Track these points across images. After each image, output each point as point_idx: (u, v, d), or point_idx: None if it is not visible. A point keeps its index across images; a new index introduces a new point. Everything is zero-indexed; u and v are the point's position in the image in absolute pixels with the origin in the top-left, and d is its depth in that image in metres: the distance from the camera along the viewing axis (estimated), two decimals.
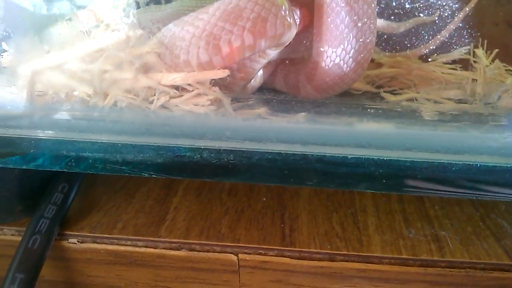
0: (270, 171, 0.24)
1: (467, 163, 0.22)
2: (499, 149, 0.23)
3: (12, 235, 0.30)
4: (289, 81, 0.32)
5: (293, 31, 0.24)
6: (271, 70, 0.32)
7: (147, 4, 0.33)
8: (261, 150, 0.24)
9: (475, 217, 0.30)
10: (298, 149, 0.23)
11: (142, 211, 0.31)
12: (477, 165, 0.22)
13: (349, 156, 0.23)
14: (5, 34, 0.26)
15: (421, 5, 0.33)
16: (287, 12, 0.23)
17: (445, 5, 0.32)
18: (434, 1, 0.32)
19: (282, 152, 0.24)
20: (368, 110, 0.26)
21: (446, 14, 0.33)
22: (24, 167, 0.26)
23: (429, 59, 0.34)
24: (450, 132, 0.24)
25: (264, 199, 0.32)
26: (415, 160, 0.23)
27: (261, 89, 0.33)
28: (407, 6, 0.32)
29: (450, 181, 0.23)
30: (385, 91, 0.33)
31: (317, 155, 0.23)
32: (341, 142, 0.24)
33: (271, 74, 0.32)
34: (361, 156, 0.23)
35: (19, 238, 0.28)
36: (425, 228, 0.29)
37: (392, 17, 0.33)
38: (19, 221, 0.30)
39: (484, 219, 0.30)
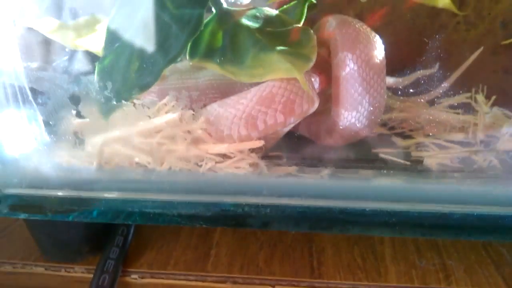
0: (300, 221, 0.29)
1: (465, 212, 0.27)
2: (493, 200, 0.27)
3: (82, 272, 0.35)
4: (311, 129, 0.36)
5: (316, 106, 0.29)
6: None
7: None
8: (292, 205, 0.29)
9: (478, 246, 0.34)
10: (323, 203, 0.28)
11: (189, 248, 0.36)
12: (474, 213, 0.27)
13: (367, 209, 0.28)
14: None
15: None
16: (311, 91, 0.28)
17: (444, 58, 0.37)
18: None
19: (310, 205, 0.28)
20: (381, 166, 0.31)
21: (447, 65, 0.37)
22: (97, 221, 0.31)
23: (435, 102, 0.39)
24: (452, 185, 0.29)
25: (293, 232, 0.37)
26: (422, 211, 0.27)
27: (287, 134, 0.38)
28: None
29: (451, 227, 0.27)
30: (396, 133, 0.37)
31: (340, 208, 0.28)
32: (360, 196, 0.28)
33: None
34: (377, 208, 0.28)
35: (88, 275, 0.34)
36: (434, 258, 0.33)
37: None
38: (86, 259, 0.36)
39: (486, 247, 0.34)
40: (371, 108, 0.32)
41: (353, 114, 0.32)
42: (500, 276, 0.31)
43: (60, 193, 0.31)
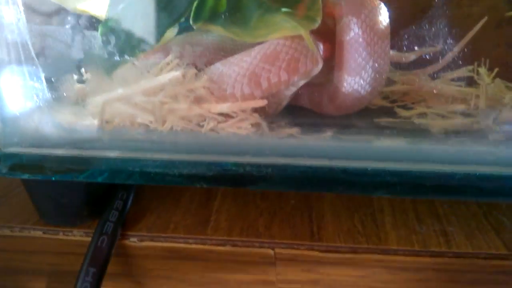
0: (302, 181, 0.29)
1: (467, 172, 0.27)
2: (494, 161, 0.27)
3: (80, 236, 0.35)
4: (313, 99, 0.36)
5: (320, 66, 0.29)
6: (297, 90, 0.37)
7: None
8: (294, 164, 0.29)
9: (479, 214, 0.34)
10: (325, 163, 0.28)
11: (189, 214, 0.36)
12: (476, 174, 0.27)
13: (369, 168, 0.28)
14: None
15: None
16: (315, 51, 0.28)
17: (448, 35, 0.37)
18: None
19: (312, 165, 0.28)
20: (384, 130, 0.31)
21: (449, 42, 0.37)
22: (97, 181, 0.31)
23: (437, 76, 0.39)
24: (454, 146, 0.29)
25: (293, 201, 0.37)
26: (423, 170, 0.27)
27: (288, 105, 0.37)
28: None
29: (453, 188, 0.27)
30: (398, 106, 0.37)
31: (342, 167, 0.28)
32: (362, 156, 0.28)
33: (297, 93, 0.37)
34: (379, 168, 0.28)
35: (87, 239, 0.34)
36: (435, 225, 0.33)
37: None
38: (85, 224, 0.35)
39: (486, 216, 0.34)
40: (374, 74, 0.32)
41: (356, 80, 0.31)
42: (500, 241, 0.31)
43: (60, 152, 0.31)
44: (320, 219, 0.35)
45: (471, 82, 0.37)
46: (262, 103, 0.28)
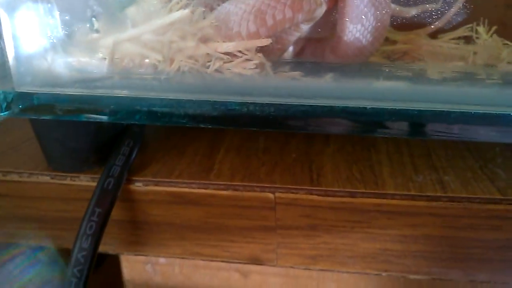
0: (303, 121, 0.30)
1: (463, 111, 0.28)
2: (489, 100, 0.28)
3: (87, 181, 0.36)
4: (315, 54, 0.38)
5: (323, 8, 0.30)
6: (300, 45, 0.38)
7: None
8: (296, 104, 0.30)
9: (475, 167, 0.35)
10: (326, 102, 0.29)
11: (193, 163, 0.37)
12: (471, 112, 0.28)
13: (368, 107, 0.29)
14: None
15: None
16: None
17: None
18: None
19: (313, 104, 0.29)
20: (384, 70, 0.32)
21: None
22: (105, 120, 0.32)
23: (437, 37, 0.40)
24: (451, 87, 0.30)
25: (294, 155, 0.38)
26: (421, 109, 0.28)
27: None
28: None
29: (448, 126, 0.28)
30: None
31: (342, 106, 0.29)
32: (362, 96, 0.29)
33: (300, 49, 0.38)
34: (378, 107, 0.29)
35: (93, 184, 0.35)
36: (432, 174, 0.34)
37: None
38: (92, 170, 0.37)
39: (483, 169, 0.35)
40: (376, 23, 0.33)
41: (358, 27, 0.32)
42: (495, 188, 0.32)
43: (71, 91, 0.32)
44: (320, 169, 0.36)
45: (469, 41, 0.38)
46: (266, 42, 0.29)
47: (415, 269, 0.34)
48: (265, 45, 0.30)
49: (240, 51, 0.30)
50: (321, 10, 0.30)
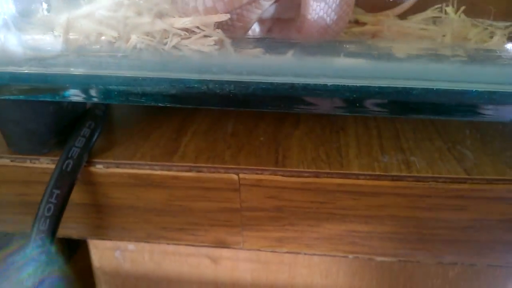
0: (264, 99, 0.29)
1: (425, 87, 0.27)
2: (451, 76, 0.28)
3: (47, 163, 0.35)
4: (282, 34, 0.37)
5: None
6: (267, 27, 0.37)
7: None
8: (256, 81, 0.29)
9: (443, 149, 0.35)
10: (286, 79, 0.29)
11: (157, 146, 0.36)
12: (434, 89, 0.27)
13: (329, 84, 0.28)
14: None
15: None
16: None
17: None
18: None
19: (273, 82, 0.29)
20: (346, 46, 0.31)
21: None
22: (60, 99, 0.31)
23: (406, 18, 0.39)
24: (414, 65, 0.29)
25: (261, 138, 0.37)
26: (382, 86, 0.28)
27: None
28: None
29: (411, 103, 0.28)
30: None
31: (302, 84, 0.28)
32: (323, 73, 0.29)
33: (268, 30, 0.37)
34: (338, 84, 0.28)
35: (53, 166, 0.34)
36: (398, 155, 0.34)
37: None
38: (52, 152, 0.35)
39: (450, 150, 0.35)
40: (340, 1, 0.32)
41: (321, 6, 0.32)
42: (461, 168, 0.32)
43: (25, 70, 0.31)
44: (286, 151, 0.35)
45: (439, 22, 0.37)
46: (224, 17, 0.28)
47: (381, 251, 0.34)
48: (225, 22, 0.29)
49: (198, 27, 0.29)
50: None
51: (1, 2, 0.31)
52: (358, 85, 0.28)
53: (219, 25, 0.30)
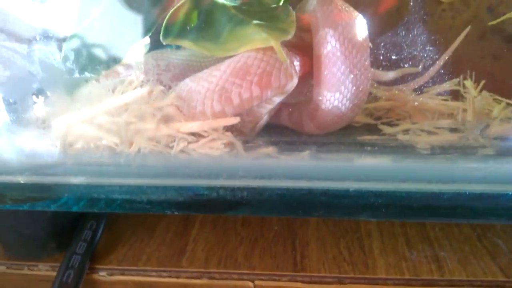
0: (280, 205, 0.27)
1: (457, 191, 0.25)
2: (486, 178, 0.25)
3: (46, 270, 0.32)
4: (293, 118, 0.35)
5: (295, 81, 0.27)
6: (276, 109, 0.35)
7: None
8: (271, 187, 0.26)
9: (473, 237, 0.32)
10: (304, 184, 0.26)
11: (164, 244, 0.34)
12: (466, 192, 0.25)
13: (351, 189, 0.26)
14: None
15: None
16: (289, 65, 0.27)
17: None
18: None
19: (290, 187, 0.26)
20: (366, 147, 0.29)
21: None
22: (59, 209, 0.29)
23: (422, 91, 0.37)
24: (442, 163, 0.27)
25: (275, 227, 0.35)
26: (409, 190, 0.25)
27: (267, 125, 0.36)
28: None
29: (442, 208, 0.25)
30: (382, 123, 0.35)
31: (322, 189, 0.26)
32: (343, 176, 0.26)
33: (276, 113, 0.35)
34: (361, 189, 0.26)
35: (53, 273, 0.31)
36: (426, 250, 0.31)
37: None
38: (52, 257, 0.33)
39: (480, 239, 0.32)
40: (355, 90, 0.30)
41: (336, 96, 0.30)
42: (496, 266, 0.29)
43: (21, 180, 0.28)
44: (304, 247, 0.32)
45: (457, 95, 0.35)
46: (234, 120, 0.26)
47: None
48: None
49: (205, 131, 0.27)
50: (292, 84, 0.27)
51: None
52: (383, 189, 0.25)
53: (227, 126, 0.27)
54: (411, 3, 0.39)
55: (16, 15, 0.32)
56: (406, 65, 0.37)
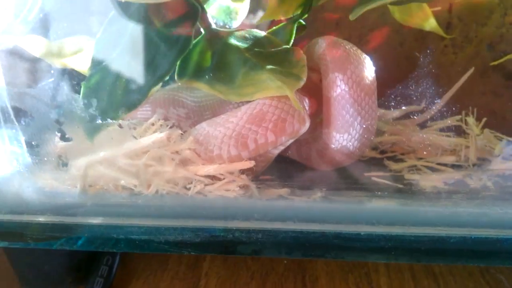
0: (294, 247, 0.28)
1: (462, 235, 0.26)
2: (490, 223, 0.26)
3: None
4: (301, 153, 0.36)
5: (307, 125, 0.28)
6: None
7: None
8: (285, 229, 0.28)
9: (476, 273, 0.33)
10: (317, 227, 0.27)
11: (177, 278, 0.35)
12: (471, 237, 0.26)
13: (362, 233, 0.27)
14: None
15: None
16: (301, 111, 0.28)
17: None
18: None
19: (303, 230, 0.27)
20: (376, 190, 0.30)
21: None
22: (79, 249, 0.29)
23: (426, 126, 0.38)
24: (447, 208, 0.28)
25: (285, 261, 0.36)
26: (418, 234, 0.26)
27: (276, 158, 0.37)
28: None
29: (449, 251, 0.26)
30: (387, 157, 0.37)
31: (334, 232, 0.27)
32: (354, 219, 0.27)
33: (286, 148, 0.36)
34: (372, 232, 0.27)
35: None
36: (431, 285, 0.32)
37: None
38: None
39: (484, 274, 0.33)
40: (363, 131, 0.31)
41: (344, 137, 0.31)
42: None
43: (42, 219, 0.29)
44: (314, 282, 0.33)
45: (459, 131, 0.37)
46: (249, 164, 0.27)
47: None
48: None
49: (221, 174, 0.28)
50: (305, 129, 0.28)
51: (16, 151, 0.30)
52: (392, 233, 0.27)
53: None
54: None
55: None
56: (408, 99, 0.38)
